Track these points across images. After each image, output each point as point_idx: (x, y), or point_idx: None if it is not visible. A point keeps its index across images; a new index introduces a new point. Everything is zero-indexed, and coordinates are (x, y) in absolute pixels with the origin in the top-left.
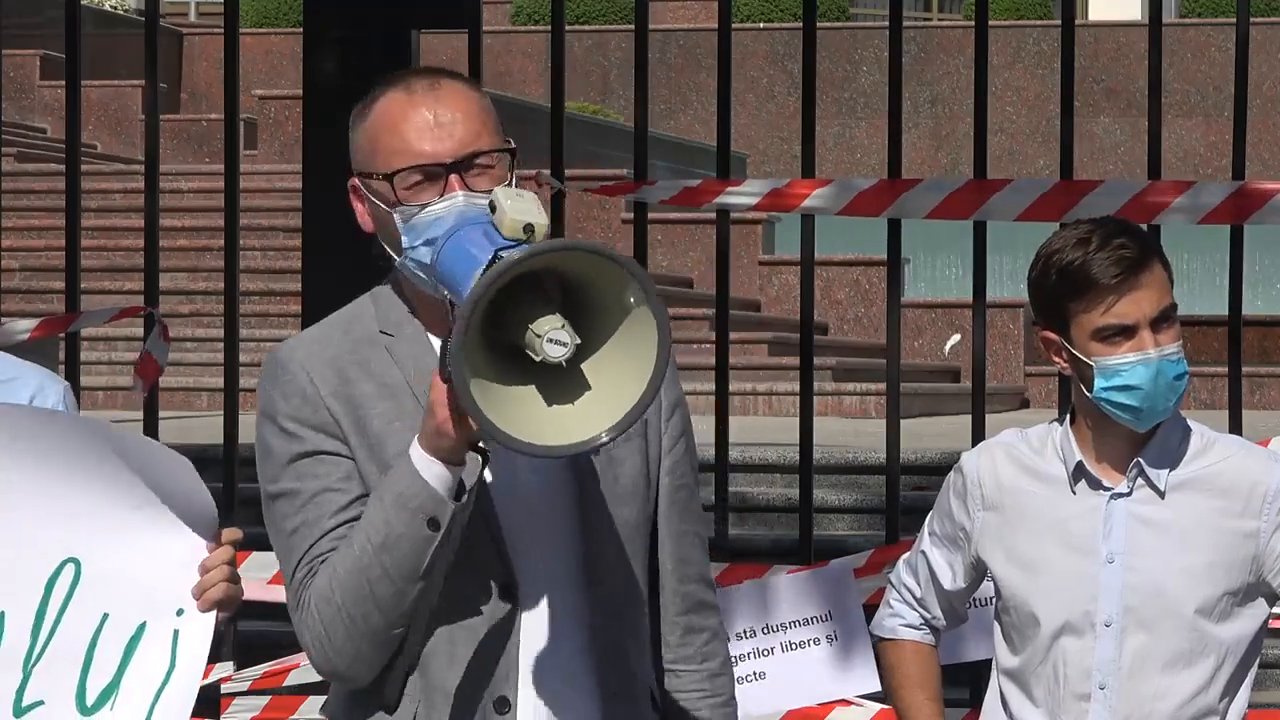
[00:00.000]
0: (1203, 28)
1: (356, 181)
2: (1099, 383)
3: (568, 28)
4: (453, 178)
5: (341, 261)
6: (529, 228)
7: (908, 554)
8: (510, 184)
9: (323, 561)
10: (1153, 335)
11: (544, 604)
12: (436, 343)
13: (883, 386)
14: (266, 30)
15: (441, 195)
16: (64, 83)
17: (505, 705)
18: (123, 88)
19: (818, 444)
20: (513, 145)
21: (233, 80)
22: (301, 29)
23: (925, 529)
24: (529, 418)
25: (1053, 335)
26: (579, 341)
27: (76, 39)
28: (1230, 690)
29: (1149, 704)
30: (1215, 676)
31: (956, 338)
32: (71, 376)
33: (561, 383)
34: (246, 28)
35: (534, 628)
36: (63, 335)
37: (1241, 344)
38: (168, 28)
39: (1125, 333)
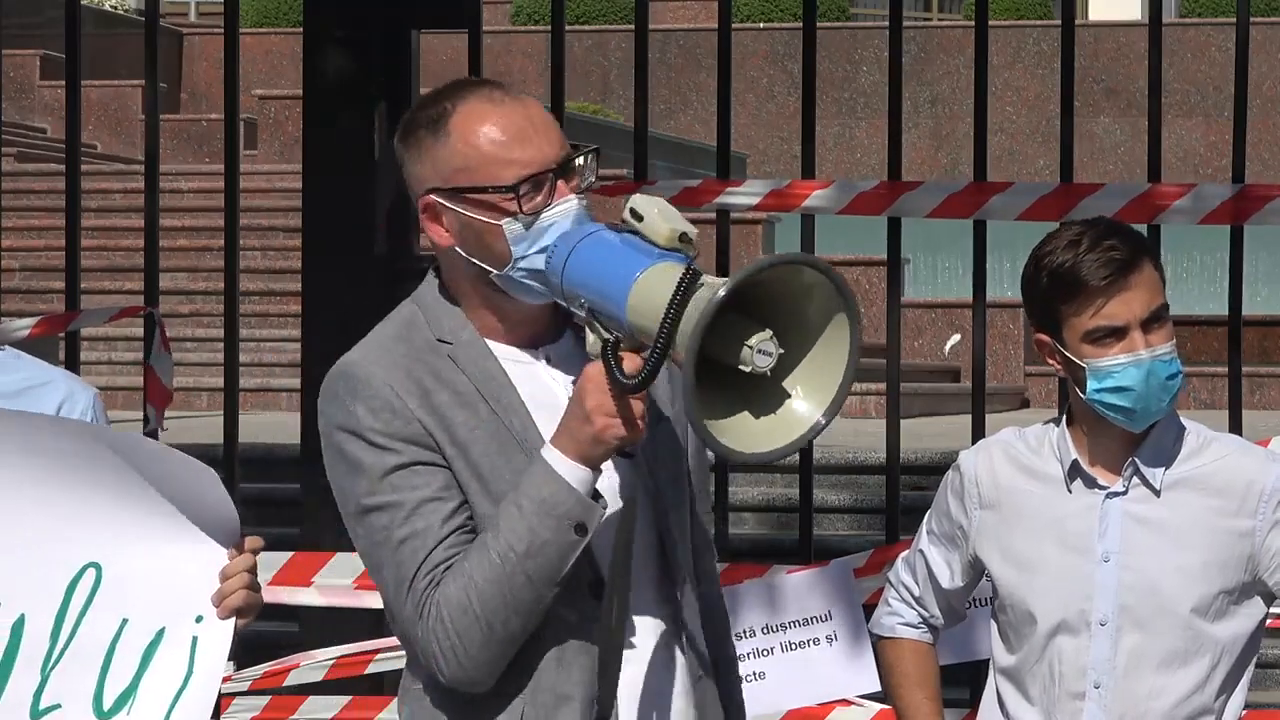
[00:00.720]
0: (1203, 28)
1: (434, 199)
2: (1091, 385)
3: (568, 28)
4: (560, 183)
5: (341, 261)
6: (685, 236)
7: (906, 553)
8: (586, 185)
9: (446, 569)
10: (1144, 336)
11: (629, 599)
12: (495, 347)
13: (883, 386)
14: (266, 30)
15: (550, 201)
16: (64, 83)
17: (608, 703)
18: (123, 88)
19: (818, 444)
20: (594, 146)
21: (233, 80)
22: (301, 29)
23: (923, 527)
24: (736, 425)
25: (1046, 337)
26: (782, 351)
27: (76, 39)
28: (1226, 689)
29: (1144, 703)
30: (1211, 676)
31: (956, 338)
32: None
33: (758, 389)
34: (246, 28)
35: (623, 623)
36: (63, 335)
37: (1241, 344)
38: (168, 28)
39: (1116, 334)
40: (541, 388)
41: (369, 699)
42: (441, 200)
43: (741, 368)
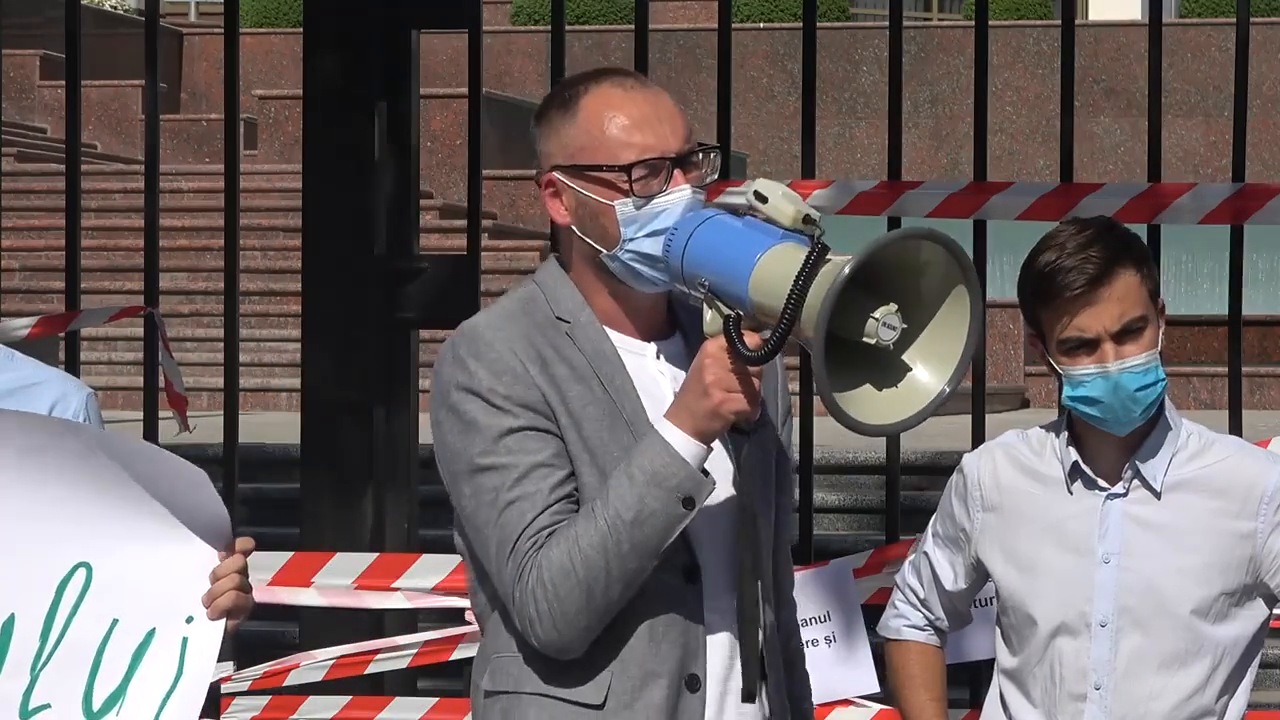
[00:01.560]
0: (1203, 28)
1: (556, 175)
2: (1066, 390)
3: (568, 28)
4: (677, 172)
5: (341, 261)
6: (808, 217)
7: (913, 556)
8: (705, 181)
9: (549, 535)
10: (1115, 348)
11: (717, 585)
12: (610, 333)
13: None
14: (266, 30)
15: (664, 188)
16: (64, 83)
17: (696, 683)
18: (123, 88)
19: (818, 444)
20: (719, 145)
21: (233, 80)
22: (301, 29)
23: (929, 530)
24: (860, 398)
25: (1035, 337)
26: (905, 326)
27: (76, 39)
28: (1227, 691)
29: (1144, 704)
30: (1211, 677)
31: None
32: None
33: (881, 362)
34: (246, 28)
35: (712, 607)
36: (62, 335)
37: (1241, 344)
38: (168, 28)
39: (1086, 345)
40: (650, 379)
41: (369, 699)
42: (562, 177)
43: (866, 340)
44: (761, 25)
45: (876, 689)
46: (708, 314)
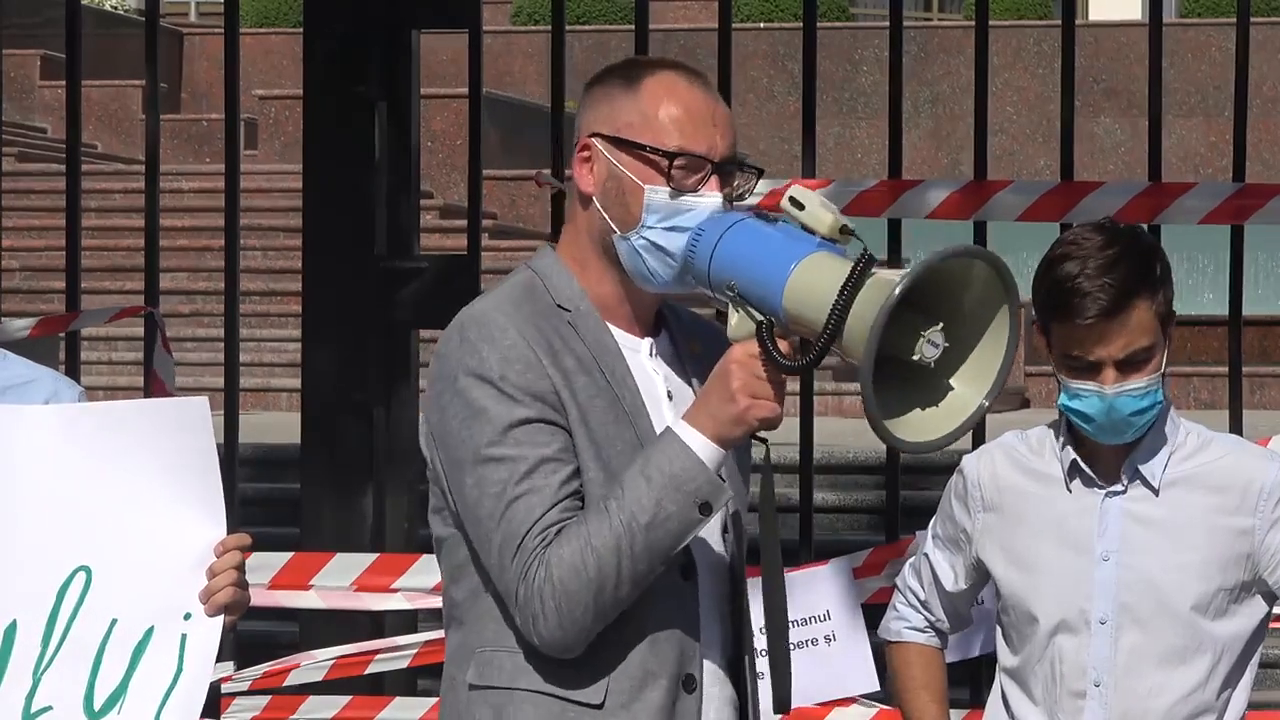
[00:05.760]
0: (1203, 28)
1: (595, 141)
2: (1063, 397)
3: (568, 28)
4: (714, 177)
5: (341, 261)
6: (845, 228)
7: (914, 558)
8: (737, 196)
9: (558, 532)
10: (1116, 373)
11: (711, 588)
12: (610, 327)
13: None
14: (267, 30)
15: (698, 188)
16: (64, 83)
17: (692, 683)
18: (123, 88)
19: (818, 444)
20: (763, 168)
21: (233, 80)
22: (301, 29)
23: (929, 532)
24: (901, 413)
25: (1043, 336)
26: (948, 345)
27: (77, 39)
28: (1227, 687)
29: (1144, 701)
30: (1212, 674)
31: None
32: (70, 376)
33: (919, 378)
34: (247, 28)
35: (707, 609)
36: (63, 335)
37: (1241, 344)
38: (168, 27)
39: (1089, 367)
40: (646, 375)
41: (369, 699)
42: (601, 146)
43: (913, 358)
44: (762, 25)
45: (877, 689)
46: (734, 318)
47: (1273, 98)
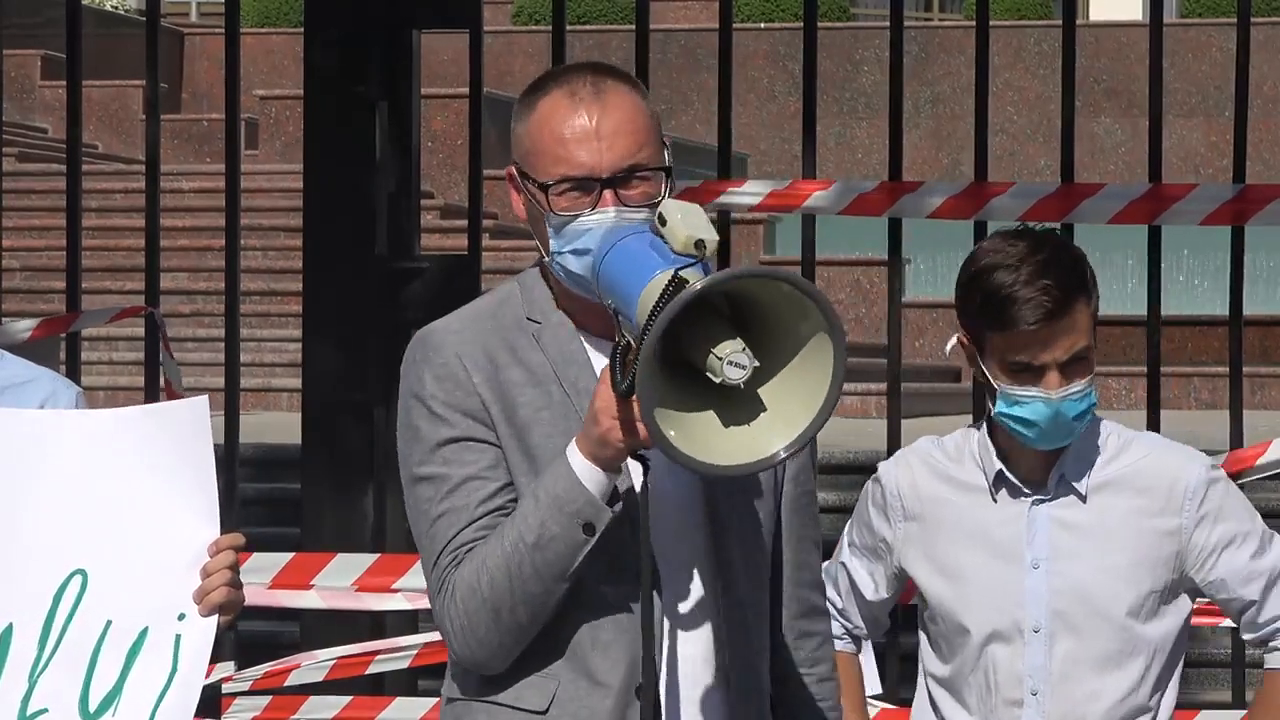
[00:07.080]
0: (1203, 28)
1: (514, 171)
2: (1000, 405)
3: (568, 28)
4: (607, 193)
5: (342, 261)
6: (700, 244)
7: (827, 564)
8: (667, 196)
9: (469, 551)
10: (1060, 377)
11: (681, 604)
12: (581, 336)
13: (883, 386)
14: (267, 30)
15: (593, 207)
16: (65, 83)
17: (649, 693)
18: (123, 88)
19: (818, 444)
20: (669, 164)
21: (233, 80)
22: (302, 29)
23: (844, 539)
24: (704, 436)
25: (968, 343)
26: (758, 364)
27: (77, 39)
28: (1160, 687)
29: (1082, 706)
30: (1145, 675)
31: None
32: (71, 376)
33: (736, 402)
34: (247, 28)
35: (672, 626)
36: (63, 335)
37: (1242, 344)
38: (168, 27)
39: (1033, 371)
40: None
41: (369, 699)
42: (516, 175)
43: (710, 376)
44: (762, 25)
45: (878, 689)
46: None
47: (1273, 98)
